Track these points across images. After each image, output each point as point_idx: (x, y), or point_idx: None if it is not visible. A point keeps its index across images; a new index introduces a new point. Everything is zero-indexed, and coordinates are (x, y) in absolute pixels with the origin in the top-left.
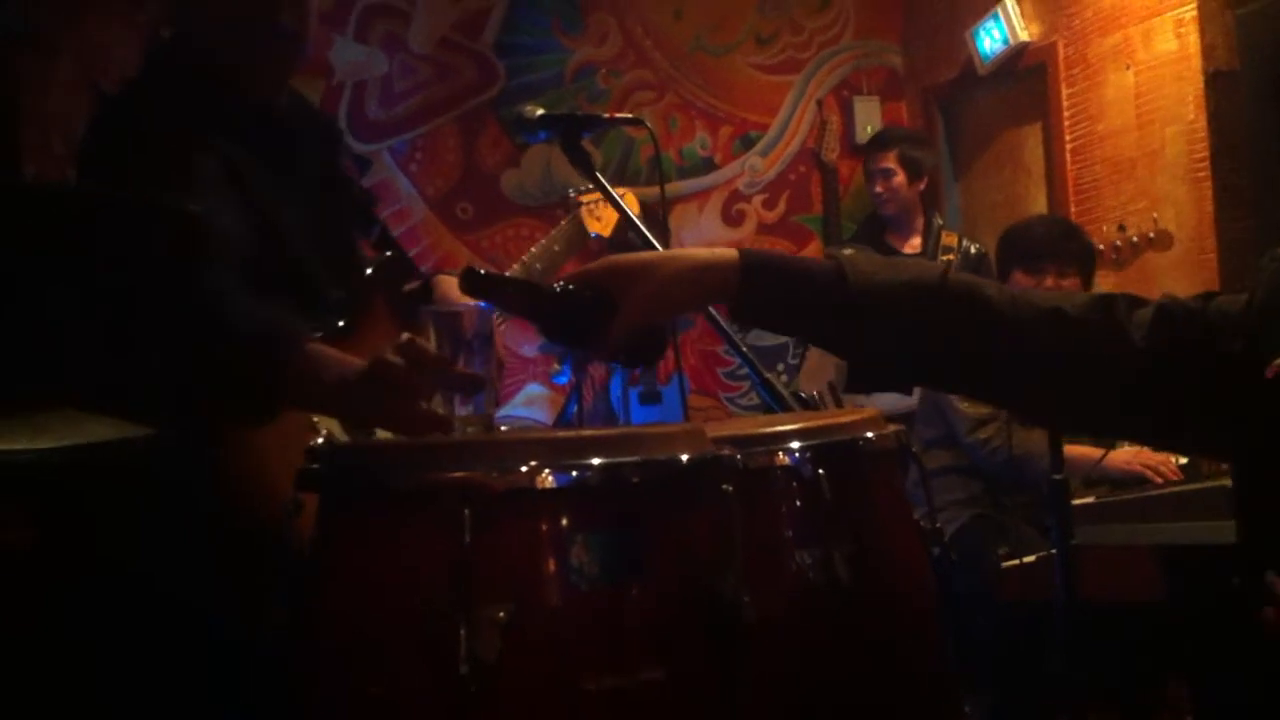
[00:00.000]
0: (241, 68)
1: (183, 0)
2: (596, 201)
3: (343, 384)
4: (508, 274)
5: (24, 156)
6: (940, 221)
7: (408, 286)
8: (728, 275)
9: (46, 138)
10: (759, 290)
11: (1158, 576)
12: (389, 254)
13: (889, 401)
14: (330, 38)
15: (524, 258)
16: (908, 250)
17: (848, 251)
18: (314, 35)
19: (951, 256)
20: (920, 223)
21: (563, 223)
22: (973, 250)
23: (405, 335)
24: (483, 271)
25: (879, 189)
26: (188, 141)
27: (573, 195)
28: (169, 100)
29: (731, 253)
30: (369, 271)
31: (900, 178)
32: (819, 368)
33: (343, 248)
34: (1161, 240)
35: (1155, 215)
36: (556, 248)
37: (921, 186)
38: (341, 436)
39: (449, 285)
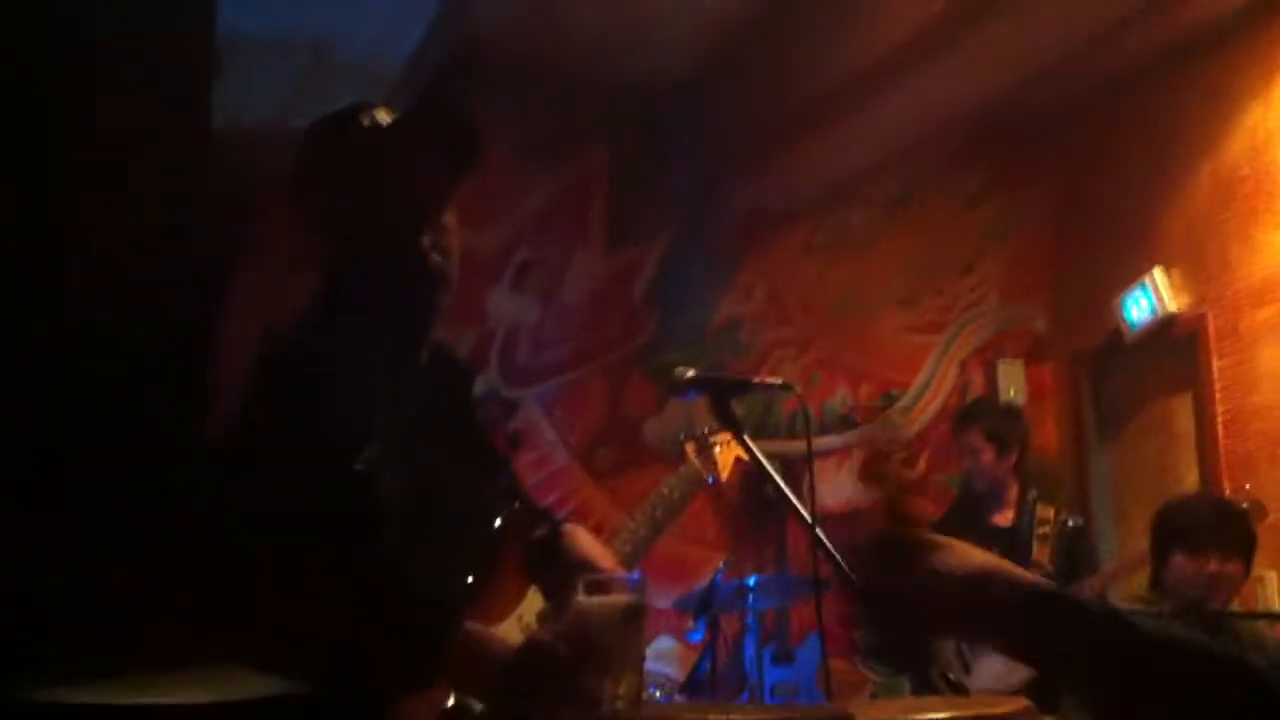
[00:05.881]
0: (399, 308)
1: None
2: (715, 445)
3: (499, 667)
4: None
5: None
6: (1035, 494)
7: (535, 534)
8: None
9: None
10: None
11: None
12: (518, 504)
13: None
14: (488, 288)
15: (644, 506)
16: (1000, 523)
17: None
18: (460, 280)
19: (1047, 529)
20: (1014, 495)
21: (680, 469)
22: (1069, 524)
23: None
24: None
25: (968, 465)
26: (357, 391)
27: (682, 438)
28: (334, 344)
29: None
30: (498, 522)
31: (989, 454)
32: None
33: (471, 497)
34: None
35: None
36: (676, 494)
37: (1013, 459)
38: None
39: (579, 537)
